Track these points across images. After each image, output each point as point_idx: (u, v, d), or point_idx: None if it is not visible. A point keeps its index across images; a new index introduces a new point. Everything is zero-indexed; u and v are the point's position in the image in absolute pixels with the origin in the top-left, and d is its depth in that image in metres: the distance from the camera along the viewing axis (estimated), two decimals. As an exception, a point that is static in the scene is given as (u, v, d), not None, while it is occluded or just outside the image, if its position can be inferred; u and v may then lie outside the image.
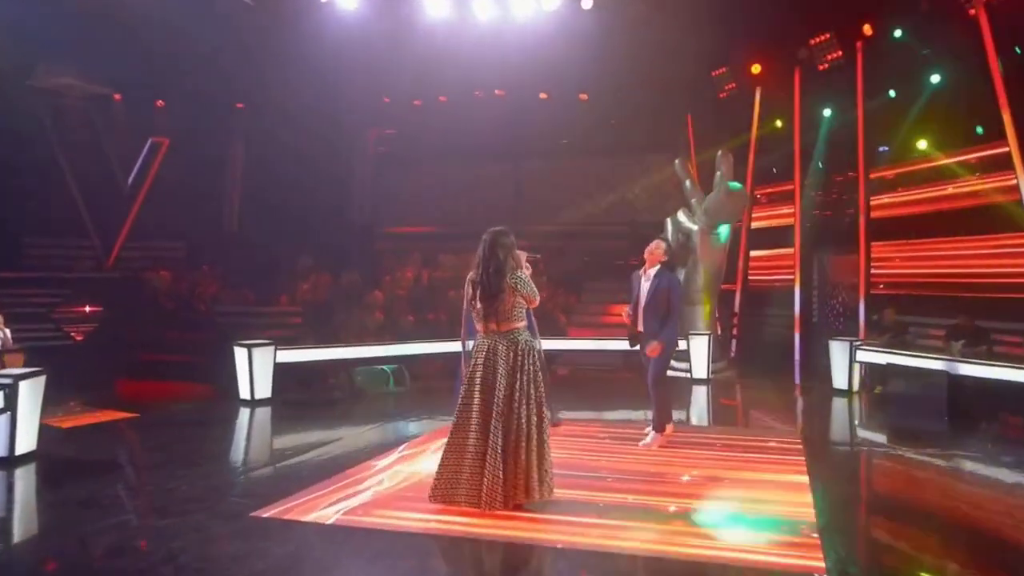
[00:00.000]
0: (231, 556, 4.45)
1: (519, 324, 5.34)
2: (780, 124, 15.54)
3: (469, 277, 5.42)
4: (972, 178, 12.64)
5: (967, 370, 9.02)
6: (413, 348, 11.44)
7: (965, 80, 12.21)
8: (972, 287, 12.17)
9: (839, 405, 10.37)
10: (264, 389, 9.73)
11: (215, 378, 10.34)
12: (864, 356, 10.63)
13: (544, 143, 17.66)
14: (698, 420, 9.50)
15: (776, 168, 15.98)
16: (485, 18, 14.18)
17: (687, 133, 16.54)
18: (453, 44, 14.02)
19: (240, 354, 9.73)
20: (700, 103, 16.11)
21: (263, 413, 9.32)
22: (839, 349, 10.88)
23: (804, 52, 14.49)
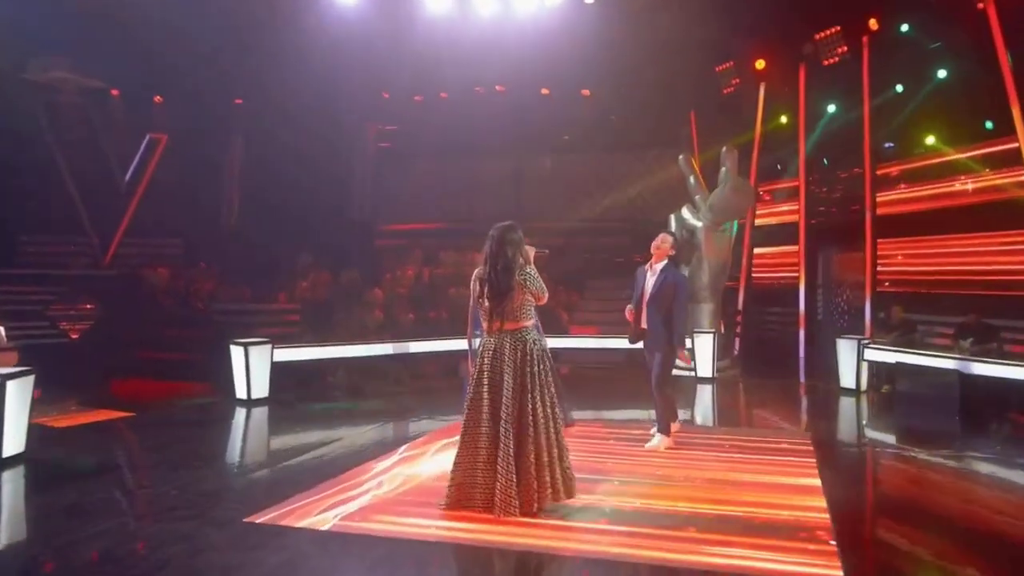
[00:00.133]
0: (222, 566, 4.26)
1: (527, 323, 5.16)
2: (785, 120, 15.37)
3: (476, 274, 5.23)
4: (981, 174, 12.46)
5: (979, 369, 8.87)
6: (413, 347, 11.27)
7: (974, 75, 12.03)
8: (981, 284, 12.00)
9: (847, 405, 10.19)
10: (261, 388, 9.54)
11: (212, 377, 10.16)
12: (873, 355, 10.44)
13: (546, 140, 17.56)
14: (705, 420, 9.32)
15: (781, 164, 15.84)
16: (486, 13, 14.03)
17: (690, 129, 16.38)
18: (454, 39, 13.90)
19: (236, 353, 9.54)
20: (704, 99, 15.96)
21: (259, 413, 9.13)
22: (847, 348, 10.69)
23: (809, 47, 14.34)
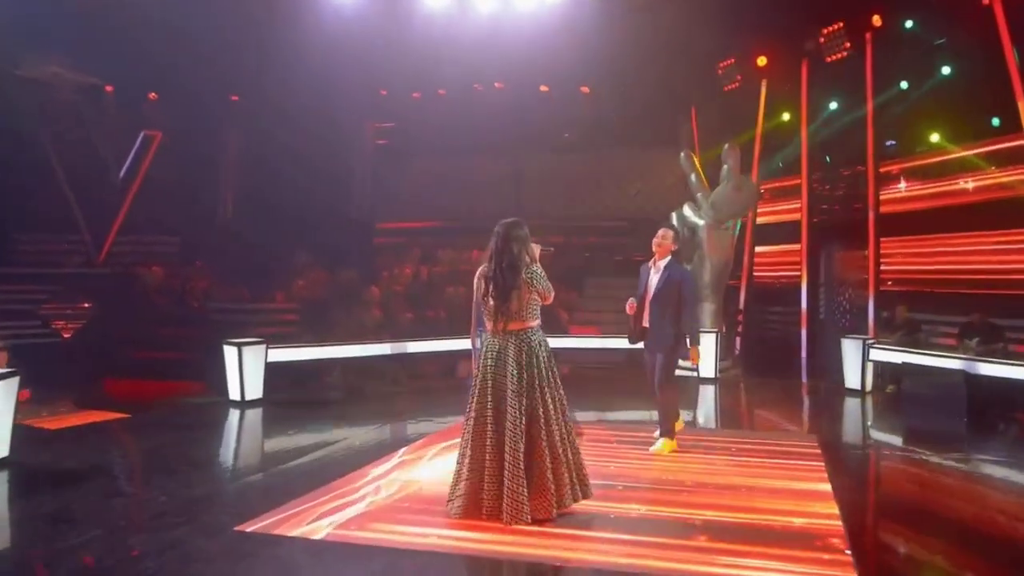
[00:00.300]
0: (210, 577, 4.09)
1: (532, 323, 4.98)
2: (788, 117, 15.23)
3: (480, 271, 5.05)
4: (987, 171, 12.32)
5: (986, 370, 8.74)
6: (411, 347, 11.09)
7: (980, 71, 11.89)
8: (985, 283, 11.87)
9: (853, 405, 10.01)
10: (255, 390, 9.34)
11: (207, 377, 9.98)
12: (878, 355, 10.29)
13: (545, 137, 17.39)
14: (708, 422, 9.15)
15: (782, 162, 15.69)
16: (485, 9, 13.88)
17: (691, 127, 16.23)
18: (452, 36, 13.76)
19: (230, 353, 9.35)
20: (705, 96, 15.82)
21: (253, 415, 8.94)
22: (852, 348, 10.53)
23: (811, 44, 14.20)
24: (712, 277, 11.88)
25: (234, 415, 8.90)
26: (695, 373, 11.12)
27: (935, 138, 13.23)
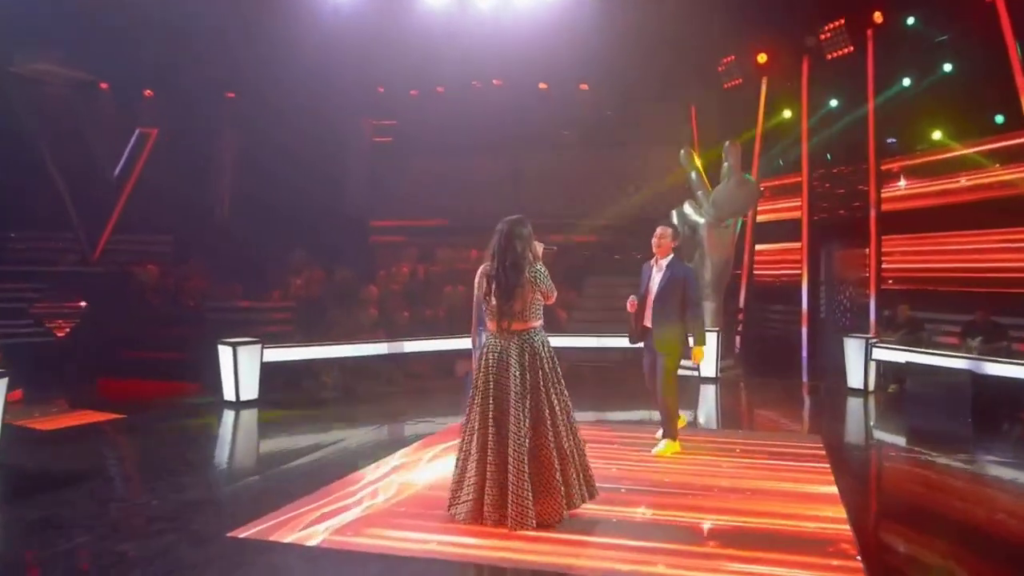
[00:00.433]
0: (202, 586, 3.96)
1: (535, 323, 4.85)
2: (789, 114, 15.12)
3: (482, 270, 4.92)
4: (990, 169, 12.21)
5: (991, 369, 8.65)
6: (407, 346, 10.95)
7: (982, 68, 11.78)
8: (987, 282, 11.77)
9: (856, 406, 9.90)
10: (250, 390, 9.21)
11: (203, 377, 9.84)
12: (881, 354, 10.17)
13: (544, 135, 17.27)
14: (710, 422, 9.02)
15: (783, 160, 15.58)
16: (484, 6, 13.77)
17: (691, 124, 16.11)
18: (450, 33, 13.66)
19: (225, 353, 9.21)
20: (705, 94, 15.71)
21: (248, 416, 8.79)
22: (854, 347, 10.42)
23: (812, 41, 14.10)
24: (713, 275, 11.77)
25: (229, 416, 8.75)
26: (696, 372, 11.01)
27: (937, 135, 13.12)
